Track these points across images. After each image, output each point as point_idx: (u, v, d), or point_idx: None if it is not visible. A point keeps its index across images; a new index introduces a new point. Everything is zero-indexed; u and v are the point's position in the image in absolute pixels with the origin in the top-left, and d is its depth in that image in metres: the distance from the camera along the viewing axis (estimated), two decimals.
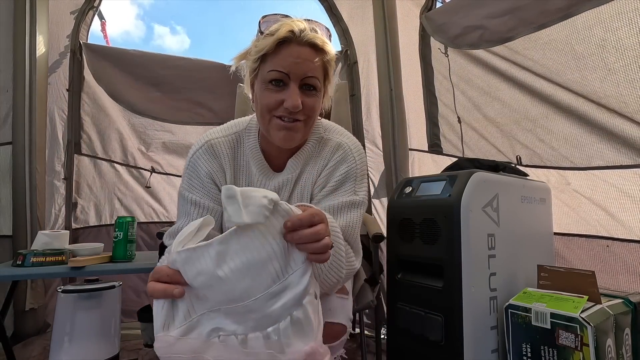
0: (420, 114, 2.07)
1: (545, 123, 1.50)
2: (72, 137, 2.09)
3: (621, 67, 1.27)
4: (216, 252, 0.56)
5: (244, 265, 0.56)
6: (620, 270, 1.33)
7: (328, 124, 0.97)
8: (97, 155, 2.15)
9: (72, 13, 2.08)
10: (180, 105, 2.21)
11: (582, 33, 1.35)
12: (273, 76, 0.78)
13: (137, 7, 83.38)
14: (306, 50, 0.78)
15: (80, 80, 2.12)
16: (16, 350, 1.53)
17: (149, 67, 2.20)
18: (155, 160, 2.24)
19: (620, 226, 1.34)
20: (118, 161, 2.18)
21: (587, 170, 1.41)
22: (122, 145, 2.19)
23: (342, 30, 2.29)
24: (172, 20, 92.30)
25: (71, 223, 2.08)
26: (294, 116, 0.80)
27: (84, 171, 2.13)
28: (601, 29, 1.30)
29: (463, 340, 0.98)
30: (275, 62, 0.77)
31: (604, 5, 1.28)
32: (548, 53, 1.46)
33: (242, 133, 0.94)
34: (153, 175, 2.22)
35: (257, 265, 0.56)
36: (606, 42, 1.29)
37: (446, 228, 1.04)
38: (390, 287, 1.23)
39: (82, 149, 2.13)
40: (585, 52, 1.36)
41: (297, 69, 0.77)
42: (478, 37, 1.68)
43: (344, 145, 0.91)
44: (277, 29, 0.77)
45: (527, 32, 1.51)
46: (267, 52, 0.78)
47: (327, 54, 0.82)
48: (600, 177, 1.38)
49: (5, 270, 1.24)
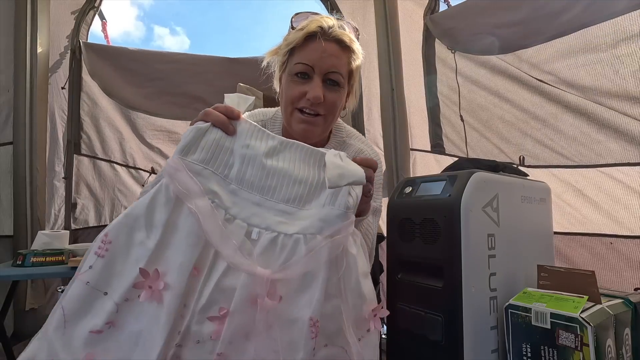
0: (422, 114, 2.07)
1: (554, 122, 1.51)
2: (71, 137, 2.10)
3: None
4: (273, 146, 0.64)
5: (282, 171, 0.63)
6: (625, 267, 1.34)
7: (351, 130, 1.00)
8: (97, 155, 2.16)
9: (73, 13, 2.09)
10: (179, 101, 2.20)
11: (593, 42, 1.36)
12: (299, 69, 0.81)
13: (137, 8, 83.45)
14: (332, 46, 0.80)
15: (80, 80, 2.12)
16: (16, 350, 1.53)
17: (147, 63, 2.19)
18: (156, 161, 2.24)
19: (625, 223, 1.35)
20: (117, 161, 2.18)
21: (595, 168, 1.42)
22: (121, 146, 2.19)
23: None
24: (172, 21, 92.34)
25: (70, 223, 2.08)
26: (315, 109, 0.81)
27: (84, 171, 2.14)
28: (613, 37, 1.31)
29: (463, 340, 0.97)
30: (302, 55, 0.81)
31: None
32: (559, 61, 1.47)
33: (268, 122, 0.94)
34: (153, 176, 2.22)
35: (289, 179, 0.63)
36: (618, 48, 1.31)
37: (446, 228, 1.04)
38: (390, 287, 1.23)
39: (82, 149, 2.13)
40: (596, 57, 1.37)
41: (322, 62, 0.80)
42: (489, 45, 1.68)
43: (365, 152, 0.92)
44: (307, 25, 0.80)
45: (539, 42, 1.52)
46: (296, 45, 0.81)
47: (354, 53, 0.84)
48: (608, 175, 1.39)
49: (5, 270, 1.24)
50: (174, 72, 2.19)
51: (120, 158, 2.18)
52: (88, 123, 2.14)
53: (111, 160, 2.17)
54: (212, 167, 0.61)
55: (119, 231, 0.57)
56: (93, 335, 0.53)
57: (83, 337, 0.53)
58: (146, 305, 0.54)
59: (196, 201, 0.57)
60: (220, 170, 0.62)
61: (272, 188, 0.62)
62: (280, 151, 0.64)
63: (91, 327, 0.53)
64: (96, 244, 0.56)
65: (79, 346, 0.53)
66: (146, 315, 0.54)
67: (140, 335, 0.53)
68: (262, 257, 0.58)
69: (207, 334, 0.55)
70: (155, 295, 0.54)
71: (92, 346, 0.53)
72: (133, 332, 0.53)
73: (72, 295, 0.56)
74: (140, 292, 0.54)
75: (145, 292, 0.54)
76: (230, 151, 0.63)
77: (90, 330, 0.53)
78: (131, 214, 0.58)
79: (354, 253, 0.62)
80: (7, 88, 1.89)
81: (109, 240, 0.56)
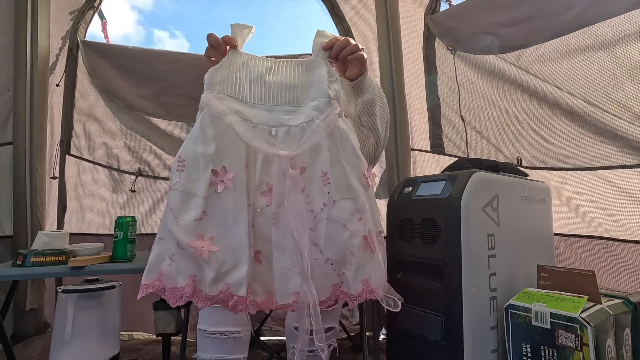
0: (423, 114, 2.07)
1: (550, 123, 1.50)
2: (64, 136, 2.06)
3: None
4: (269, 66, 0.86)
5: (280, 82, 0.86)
6: (622, 270, 1.33)
7: None
8: (83, 156, 2.09)
9: (71, 13, 2.08)
10: (180, 102, 2.17)
11: (593, 40, 1.36)
12: None
13: (137, 12, 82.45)
14: None
15: (74, 78, 2.09)
16: (16, 350, 1.53)
17: (147, 63, 2.17)
18: (146, 161, 2.17)
19: (621, 227, 1.34)
20: (101, 163, 2.11)
21: (590, 171, 1.41)
22: (107, 147, 2.12)
23: (344, 30, 2.29)
24: (171, 25, 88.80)
25: (63, 226, 2.03)
26: None
27: (71, 172, 2.08)
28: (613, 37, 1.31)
29: (463, 340, 0.97)
30: None
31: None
32: (556, 61, 1.47)
33: None
34: (140, 178, 2.15)
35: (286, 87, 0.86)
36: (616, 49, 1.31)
37: (446, 228, 1.04)
38: None
39: (71, 149, 2.08)
40: (593, 58, 1.37)
41: None
42: (489, 44, 1.68)
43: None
44: None
45: (539, 41, 1.51)
46: None
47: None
48: (603, 177, 1.38)
49: (5, 270, 1.24)
50: (174, 72, 2.18)
51: (104, 159, 2.10)
52: (78, 122, 2.08)
53: (95, 161, 2.09)
54: (231, 93, 0.84)
55: (186, 150, 0.80)
56: (196, 222, 0.76)
57: (190, 224, 0.76)
58: (224, 193, 0.78)
59: (229, 117, 0.79)
60: (236, 94, 0.84)
61: (276, 97, 0.85)
62: (275, 68, 0.87)
63: (194, 217, 0.76)
64: (175, 164, 0.79)
65: (190, 230, 0.76)
66: (226, 199, 0.78)
67: (228, 212, 0.78)
68: (283, 145, 0.81)
69: (263, 203, 0.81)
70: (228, 184, 0.78)
71: (198, 228, 0.76)
72: (222, 212, 0.78)
73: (173, 200, 0.78)
74: (217, 186, 0.78)
75: (220, 185, 0.78)
76: (239, 79, 0.85)
77: (193, 219, 0.76)
78: (191, 137, 0.81)
79: (345, 128, 0.84)
80: (7, 88, 1.89)
81: (182, 158, 0.79)
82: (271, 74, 0.86)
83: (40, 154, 1.94)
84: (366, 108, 0.99)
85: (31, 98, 1.89)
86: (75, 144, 2.09)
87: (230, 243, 0.77)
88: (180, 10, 17.65)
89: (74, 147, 2.09)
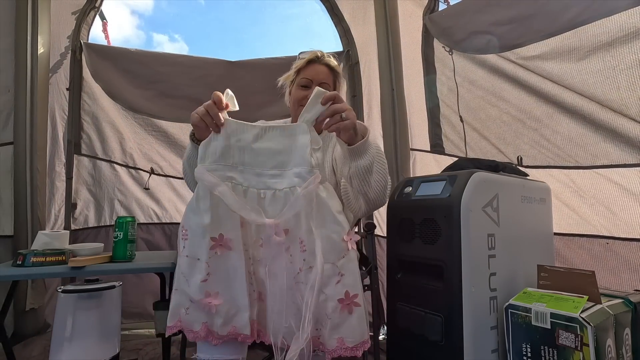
0: (422, 114, 2.07)
1: (550, 122, 1.50)
2: (72, 137, 2.09)
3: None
4: (256, 133, 0.94)
5: (267, 149, 0.94)
6: (623, 269, 1.33)
7: None
8: (97, 155, 2.15)
9: (74, 13, 2.08)
10: (180, 104, 2.19)
11: (589, 40, 1.36)
12: (303, 82, 1.22)
13: (137, 17, 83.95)
14: (323, 68, 1.23)
15: (80, 80, 2.12)
16: (16, 350, 1.53)
17: (149, 65, 2.19)
18: (156, 162, 2.23)
19: (622, 225, 1.34)
20: (117, 161, 2.17)
21: (592, 169, 1.41)
22: (121, 146, 2.18)
23: (343, 30, 2.29)
24: (170, 29, 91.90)
25: (70, 224, 2.07)
26: None
27: (84, 172, 2.13)
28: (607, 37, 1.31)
29: (463, 340, 0.97)
30: (305, 73, 1.23)
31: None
32: (554, 59, 1.47)
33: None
34: (153, 177, 2.22)
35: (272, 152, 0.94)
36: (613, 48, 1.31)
37: (446, 228, 1.04)
38: (390, 287, 1.23)
39: (82, 149, 2.13)
40: (590, 56, 1.37)
41: (317, 77, 1.22)
42: (485, 43, 1.68)
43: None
44: (308, 55, 1.24)
45: (535, 40, 1.51)
46: (300, 67, 1.24)
47: (337, 71, 1.26)
48: (604, 176, 1.38)
49: (5, 270, 1.24)
50: (175, 74, 2.19)
51: (120, 158, 2.17)
52: (89, 123, 2.13)
53: (111, 160, 2.16)
54: (222, 162, 0.92)
55: (187, 221, 0.90)
56: (203, 283, 0.88)
57: (198, 285, 0.88)
58: (223, 255, 0.89)
59: (219, 189, 0.87)
60: (228, 162, 0.93)
61: (263, 162, 0.94)
62: (262, 135, 0.94)
63: (200, 279, 0.88)
64: (180, 233, 0.91)
65: (198, 290, 0.88)
66: (226, 259, 0.89)
67: (229, 270, 0.89)
68: (270, 207, 0.91)
69: (257, 257, 0.91)
70: (226, 247, 0.89)
71: (205, 288, 0.88)
72: (223, 270, 0.89)
73: (182, 264, 0.90)
74: (217, 249, 0.88)
75: (219, 248, 0.88)
76: (229, 148, 0.93)
77: (200, 281, 0.87)
78: (189, 208, 0.91)
79: (324, 196, 0.90)
80: (8, 88, 1.89)
81: (185, 229, 0.91)
82: (259, 140, 0.94)
83: (41, 154, 1.94)
84: (359, 173, 0.97)
85: (32, 98, 1.90)
86: (87, 144, 2.13)
87: (233, 295, 0.89)
88: (179, 13, 17.70)
89: (85, 146, 2.12)
